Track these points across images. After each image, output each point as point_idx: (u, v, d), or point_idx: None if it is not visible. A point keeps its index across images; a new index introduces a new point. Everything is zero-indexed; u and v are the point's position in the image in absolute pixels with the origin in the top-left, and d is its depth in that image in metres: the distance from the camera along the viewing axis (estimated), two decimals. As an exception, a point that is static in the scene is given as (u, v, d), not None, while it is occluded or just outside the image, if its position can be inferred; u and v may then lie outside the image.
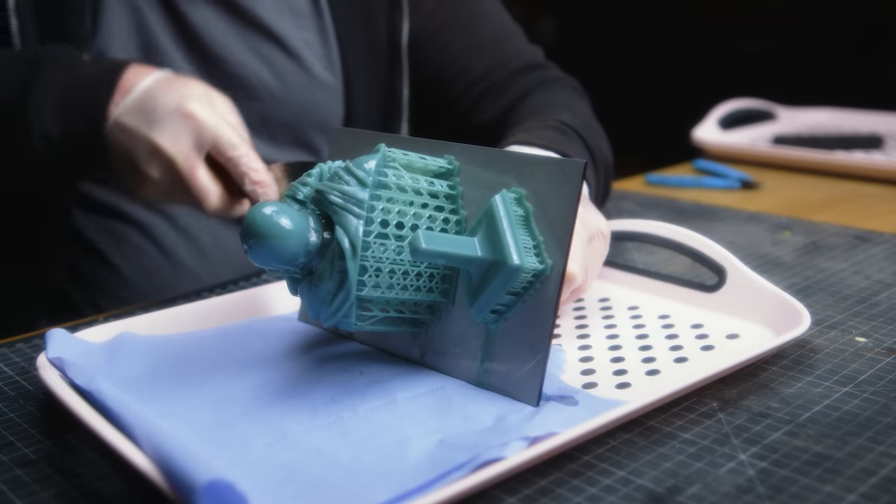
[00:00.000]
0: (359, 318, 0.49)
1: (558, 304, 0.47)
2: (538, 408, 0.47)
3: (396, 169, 0.50)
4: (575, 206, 0.47)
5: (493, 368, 0.49)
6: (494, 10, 0.91)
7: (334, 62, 0.85)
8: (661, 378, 0.52)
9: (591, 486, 0.41)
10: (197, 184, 0.63)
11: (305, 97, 0.83)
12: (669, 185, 1.04)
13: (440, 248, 0.46)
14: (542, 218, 0.48)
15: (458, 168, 0.52)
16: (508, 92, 0.86)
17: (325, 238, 0.47)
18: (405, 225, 0.48)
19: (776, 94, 1.41)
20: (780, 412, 0.48)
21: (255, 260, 0.47)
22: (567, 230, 0.47)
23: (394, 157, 0.50)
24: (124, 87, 0.64)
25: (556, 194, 0.48)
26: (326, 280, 0.47)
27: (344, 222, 0.46)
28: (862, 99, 1.46)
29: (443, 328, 0.52)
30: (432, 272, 0.51)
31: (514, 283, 0.47)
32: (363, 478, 0.41)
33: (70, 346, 0.52)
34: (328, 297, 0.47)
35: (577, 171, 0.47)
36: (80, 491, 0.43)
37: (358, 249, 0.46)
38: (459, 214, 0.51)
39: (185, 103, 0.62)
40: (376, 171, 0.48)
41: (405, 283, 0.49)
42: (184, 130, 0.62)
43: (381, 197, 0.48)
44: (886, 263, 0.72)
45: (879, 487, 0.40)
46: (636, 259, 0.73)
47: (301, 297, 0.50)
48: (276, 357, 0.55)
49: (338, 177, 0.48)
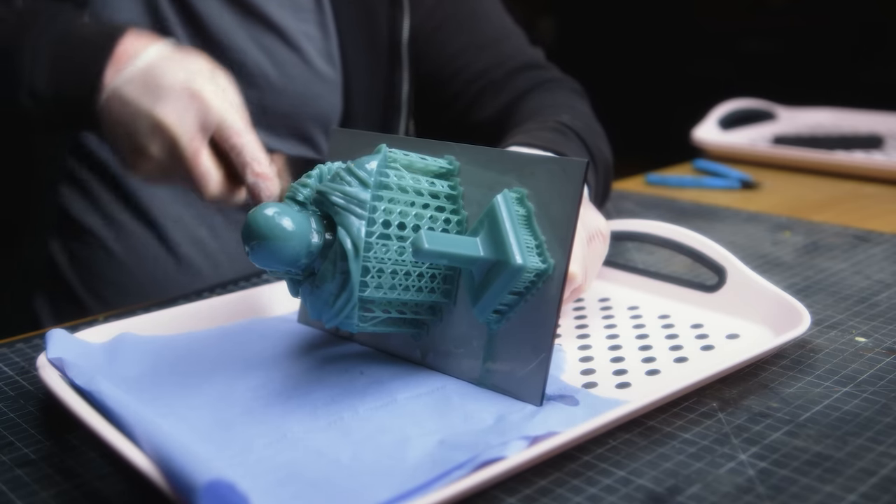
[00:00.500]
0: (361, 320, 0.49)
1: (561, 303, 0.47)
2: (538, 407, 0.47)
3: (398, 169, 0.50)
4: (577, 205, 0.47)
5: (496, 368, 0.49)
6: (495, 11, 0.91)
7: (334, 56, 0.85)
8: (661, 378, 0.52)
9: (591, 486, 0.41)
10: (199, 168, 0.60)
11: (304, 89, 0.83)
12: (669, 185, 1.04)
13: (443, 248, 0.46)
14: (543, 217, 0.48)
15: (459, 168, 0.52)
16: (507, 90, 0.86)
17: (326, 239, 0.47)
18: (407, 225, 0.48)
19: (776, 94, 1.41)
20: (780, 412, 0.48)
21: (256, 261, 0.47)
22: (569, 229, 0.47)
23: (395, 158, 0.50)
24: (123, 54, 0.61)
25: (558, 194, 0.48)
26: (329, 281, 0.47)
27: (346, 223, 0.46)
28: (862, 99, 1.46)
29: (444, 329, 0.52)
30: (434, 273, 0.51)
31: (516, 282, 0.47)
32: (363, 477, 0.41)
33: (70, 347, 0.52)
34: (331, 299, 0.47)
35: (578, 171, 0.47)
36: (80, 491, 0.43)
37: (360, 250, 0.46)
38: (461, 214, 0.51)
39: (192, 80, 0.60)
40: (378, 172, 0.48)
41: (407, 283, 0.49)
42: (189, 109, 0.59)
43: (382, 197, 0.48)
44: (886, 263, 0.72)
45: (879, 487, 0.40)
46: (636, 259, 0.73)
47: (303, 298, 0.49)
48: (276, 357, 0.55)
49: (339, 177, 0.48)
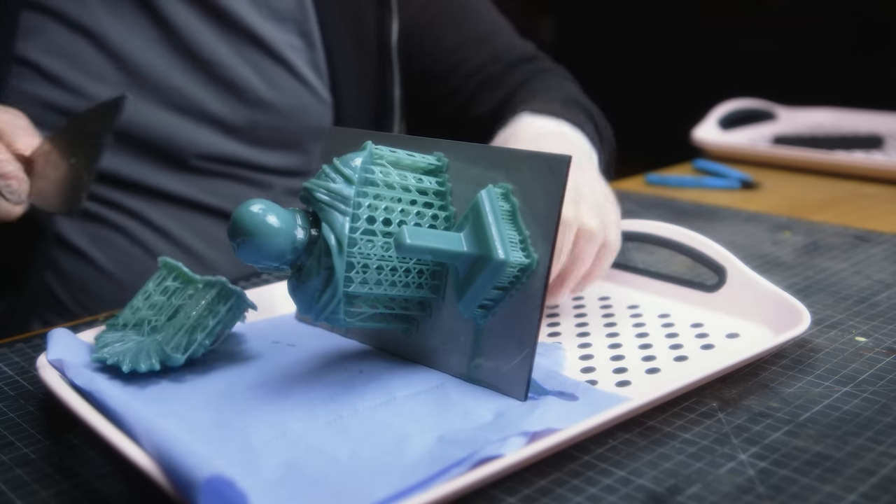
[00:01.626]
0: (347, 315, 0.49)
1: (545, 298, 0.48)
2: (538, 403, 0.47)
3: (384, 166, 0.50)
4: (560, 200, 0.47)
5: (483, 364, 0.50)
6: (483, 4, 0.91)
7: (321, 65, 0.84)
8: (661, 377, 0.52)
9: (591, 486, 0.41)
10: None
11: (294, 101, 0.83)
12: (669, 185, 1.04)
13: (425, 243, 0.46)
14: (528, 213, 0.49)
15: (448, 164, 0.52)
16: (504, 85, 0.86)
17: (312, 235, 0.48)
18: (392, 221, 0.49)
19: (776, 94, 1.40)
20: (780, 412, 0.48)
21: (242, 257, 0.47)
22: (553, 224, 0.47)
23: (381, 155, 0.50)
24: None
25: (542, 189, 0.48)
26: (314, 277, 0.47)
27: (330, 219, 0.47)
28: (862, 99, 1.46)
29: (433, 324, 0.52)
30: (421, 268, 0.51)
31: (500, 277, 0.48)
32: (363, 474, 0.41)
33: (70, 347, 0.52)
34: (316, 294, 0.48)
35: (562, 166, 0.47)
36: (80, 490, 0.43)
37: (344, 246, 0.47)
38: (449, 211, 0.52)
39: None
40: (362, 168, 0.48)
41: (394, 279, 0.50)
42: None
43: (367, 194, 0.48)
44: (886, 263, 0.72)
45: (879, 487, 0.40)
46: (636, 259, 0.73)
47: (290, 294, 0.50)
48: (275, 356, 0.55)
49: (324, 174, 0.48)
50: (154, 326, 0.54)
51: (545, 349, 0.55)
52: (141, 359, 0.51)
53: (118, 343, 0.53)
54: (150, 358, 0.51)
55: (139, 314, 0.55)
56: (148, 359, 0.51)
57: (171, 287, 0.55)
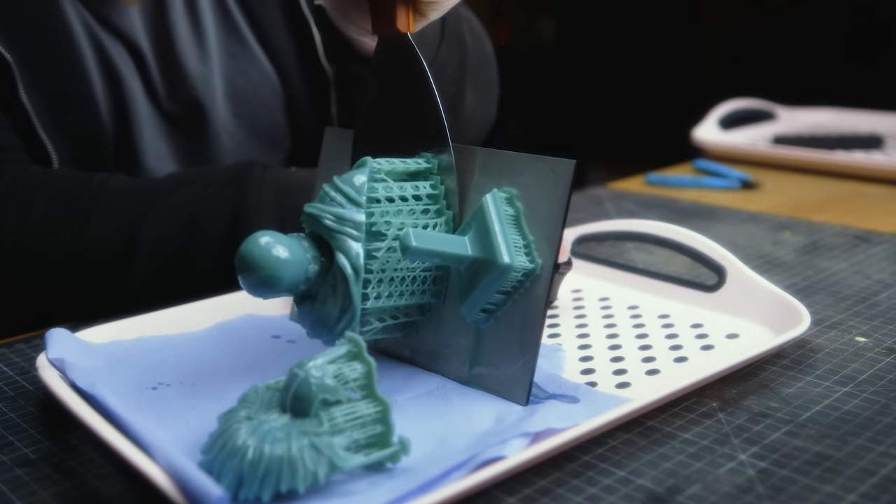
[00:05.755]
0: (362, 334, 0.49)
1: (548, 303, 0.47)
2: (538, 405, 0.47)
3: (384, 181, 0.50)
4: (565, 205, 0.47)
5: (483, 368, 0.50)
6: None
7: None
8: (661, 377, 0.52)
9: (591, 486, 0.41)
10: None
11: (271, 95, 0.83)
12: (669, 185, 1.04)
13: (430, 246, 0.46)
14: (532, 217, 0.49)
15: (437, 166, 0.52)
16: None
17: (322, 262, 0.47)
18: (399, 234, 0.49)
19: (776, 94, 1.40)
20: (780, 412, 0.48)
21: (252, 293, 0.46)
22: (557, 229, 0.47)
23: (379, 168, 0.50)
24: None
25: (547, 194, 0.48)
26: (329, 304, 0.47)
27: (344, 248, 0.46)
28: (862, 99, 1.46)
29: (433, 328, 0.52)
30: (425, 276, 0.51)
31: (503, 282, 0.47)
32: (363, 477, 0.41)
33: (70, 347, 0.52)
34: (332, 321, 0.47)
35: (567, 171, 0.47)
36: (80, 491, 0.43)
37: (361, 273, 0.46)
38: (446, 214, 0.51)
39: None
40: (367, 188, 0.48)
41: (402, 288, 0.50)
42: None
43: (374, 213, 0.48)
44: (886, 263, 0.72)
45: (879, 487, 0.40)
46: (636, 259, 0.73)
47: (301, 320, 0.49)
48: (276, 356, 0.55)
49: (328, 198, 0.48)
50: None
51: (545, 351, 0.55)
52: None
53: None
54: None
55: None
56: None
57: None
